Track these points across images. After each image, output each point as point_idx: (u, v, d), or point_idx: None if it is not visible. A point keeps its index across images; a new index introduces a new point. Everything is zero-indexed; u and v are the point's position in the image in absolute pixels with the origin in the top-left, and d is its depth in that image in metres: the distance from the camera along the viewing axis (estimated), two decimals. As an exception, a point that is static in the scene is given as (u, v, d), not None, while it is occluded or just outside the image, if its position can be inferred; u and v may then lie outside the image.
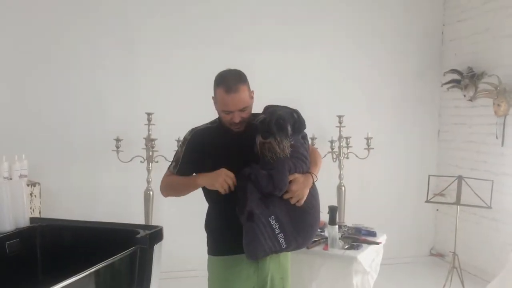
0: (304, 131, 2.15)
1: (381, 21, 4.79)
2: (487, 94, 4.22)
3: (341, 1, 4.71)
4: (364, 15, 4.76)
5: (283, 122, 1.97)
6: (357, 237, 3.12)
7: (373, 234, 3.20)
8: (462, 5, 4.70)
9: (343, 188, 4.39)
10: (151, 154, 4.02)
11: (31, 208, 3.50)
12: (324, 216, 2.50)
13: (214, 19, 4.43)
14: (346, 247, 2.93)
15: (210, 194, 2.11)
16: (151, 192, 4.03)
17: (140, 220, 3.97)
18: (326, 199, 2.21)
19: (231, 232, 2.04)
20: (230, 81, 2.03)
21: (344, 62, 4.71)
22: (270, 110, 2.04)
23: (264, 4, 4.55)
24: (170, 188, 2.17)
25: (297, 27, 4.59)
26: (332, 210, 2.89)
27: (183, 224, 4.04)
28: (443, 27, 4.96)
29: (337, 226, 2.96)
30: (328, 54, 4.66)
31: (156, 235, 2.27)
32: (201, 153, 2.07)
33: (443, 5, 4.95)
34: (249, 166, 1.98)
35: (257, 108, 2.14)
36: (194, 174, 2.11)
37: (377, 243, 3.07)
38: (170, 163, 2.21)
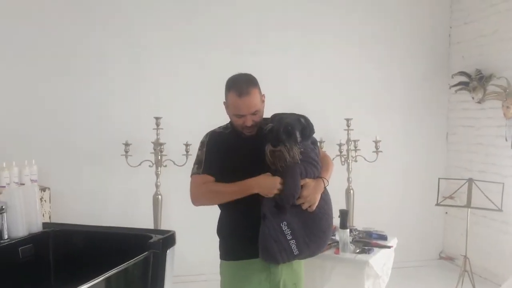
0: (313, 135, 2.15)
1: (388, 24, 4.79)
2: (496, 96, 4.21)
3: (347, 4, 4.71)
4: (371, 18, 4.75)
5: (291, 129, 1.97)
6: (368, 241, 3.11)
7: (384, 237, 3.19)
8: (469, 8, 4.69)
9: (351, 191, 4.38)
10: (159, 158, 4.02)
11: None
12: (335, 220, 2.50)
13: (220, 24, 4.44)
14: (358, 251, 2.93)
15: None
16: (159, 197, 4.03)
17: (149, 225, 3.97)
18: (335, 203, 2.20)
19: (243, 238, 2.05)
20: (241, 85, 2.04)
21: (352, 65, 4.70)
22: (278, 118, 2.05)
23: (269, 8, 4.55)
24: (214, 195, 2.04)
25: (303, 30, 4.60)
26: (343, 214, 2.88)
27: (192, 228, 4.03)
28: (450, 30, 4.95)
29: (348, 230, 2.95)
30: (335, 57, 4.66)
31: (168, 239, 2.25)
32: (219, 154, 2.07)
33: (450, 8, 4.94)
34: None
35: (266, 112, 2.15)
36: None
37: (389, 247, 3.06)
38: (192, 169, 2.13)
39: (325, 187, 2.08)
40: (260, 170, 1.99)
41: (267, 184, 1.95)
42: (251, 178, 1.97)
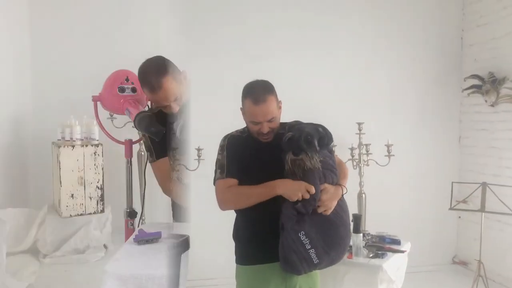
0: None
1: (399, 27, 4.77)
2: (509, 99, 4.18)
3: (358, 7, 4.70)
4: (382, 21, 4.73)
5: (311, 138, 1.99)
6: (382, 246, 3.10)
7: (397, 242, 3.18)
8: (481, 10, 4.66)
9: (363, 195, 4.35)
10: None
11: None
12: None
13: (230, 27, 4.45)
14: (371, 255, 2.92)
15: None
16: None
17: (162, 229, 3.98)
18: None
19: (259, 242, 2.06)
20: (258, 92, 2.06)
21: (363, 68, 4.69)
22: (297, 127, 2.07)
23: (279, 11, 4.55)
24: (241, 198, 2.05)
25: (314, 35, 4.58)
26: (356, 219, 2.88)
27: (204, 232, 4.00)
28: (462, 32, 4.92)
29: (361, 235, 2.95)
30: (347, 60, 4.64)
31: (183, 244, 2.28)
32: (239, 157, 2.09)
33: (462, 10, 4.92)
34: None
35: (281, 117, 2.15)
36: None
37: (402, 252, 3.05)
38: (214, 174, 2.15)
39: (342, 195, 2.09)
40: (278, 175, 2.00)
41: (293, 186, 1.94)
42: (276, 180, 1.98)
